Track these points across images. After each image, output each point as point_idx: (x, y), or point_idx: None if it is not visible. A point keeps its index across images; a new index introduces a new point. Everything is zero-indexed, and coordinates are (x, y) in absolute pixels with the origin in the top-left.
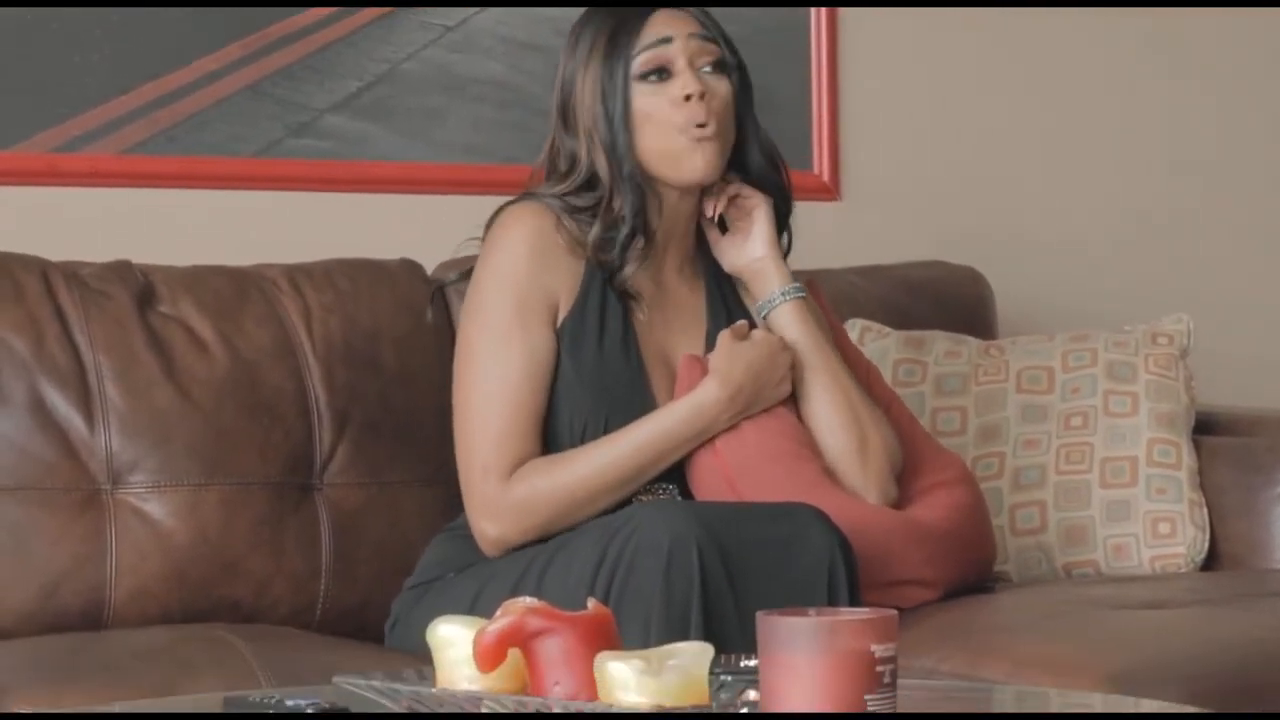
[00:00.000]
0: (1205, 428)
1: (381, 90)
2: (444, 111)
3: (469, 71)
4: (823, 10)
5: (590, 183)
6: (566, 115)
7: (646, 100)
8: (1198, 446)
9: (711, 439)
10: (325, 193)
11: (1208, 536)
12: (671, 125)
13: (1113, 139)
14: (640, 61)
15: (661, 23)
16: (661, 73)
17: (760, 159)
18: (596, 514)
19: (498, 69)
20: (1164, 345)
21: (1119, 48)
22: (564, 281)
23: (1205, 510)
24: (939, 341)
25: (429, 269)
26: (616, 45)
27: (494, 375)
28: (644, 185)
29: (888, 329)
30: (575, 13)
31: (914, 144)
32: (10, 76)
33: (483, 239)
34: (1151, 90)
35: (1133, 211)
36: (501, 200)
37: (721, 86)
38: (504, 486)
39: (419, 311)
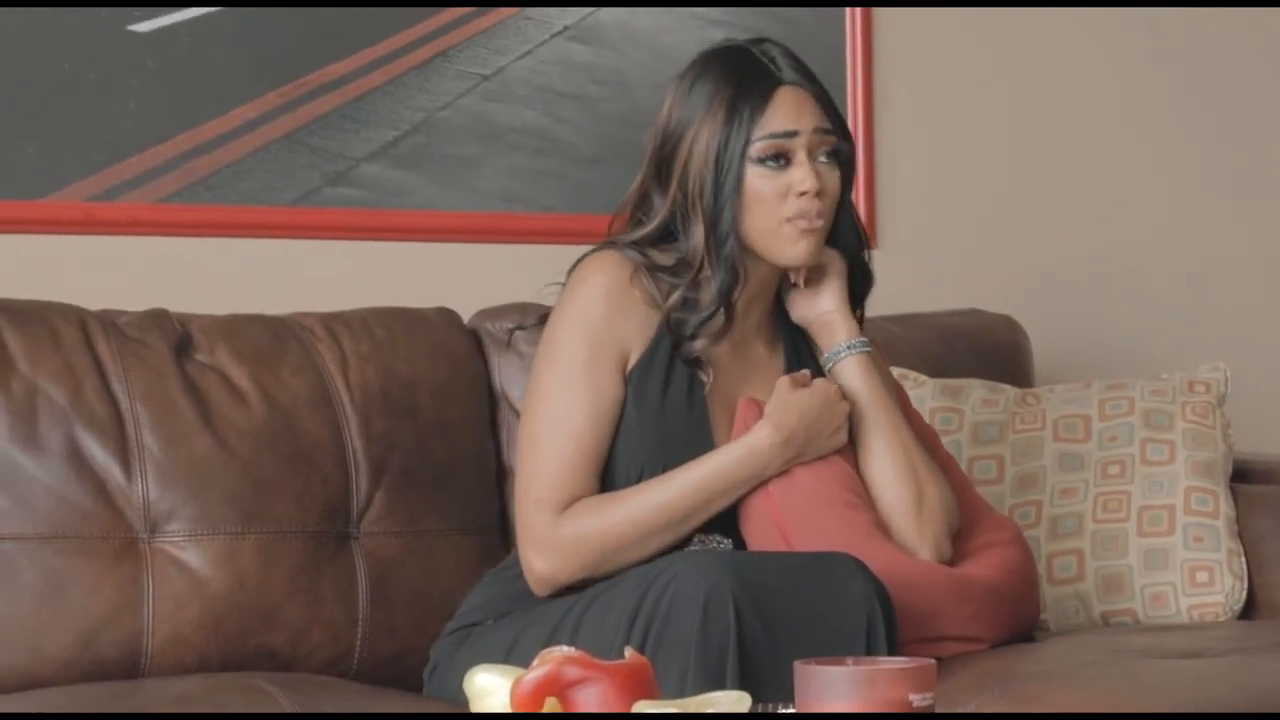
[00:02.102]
0: (1243, 476)
1: (418, 139)
2: (480, 160)
3: (505, 120)
4: (858, 60)
5: (667, 236)
6: (664, 167)
7: (760, 182)
8: (1235, 495)
9: (764, 483)
10: (362, 241)
11: (1246, 585)
12: (781, 212)
13: (1151, 188)
14: (761, 146)
15: (788, 105)
16: (780, 159)
17: (849, 236)
18: (647, 557)
19: (534, 117)
20: (1201, 393)
21: (1157, 97)
22: (637, 332)
23: (1243, 559)
24: (976, 390)
25: (465, 317)
26: (738, 115)
27: (559, 415)
28: (738, 265)
29: (924, 377)
30: (606, 66)
31: (950, 193)
32: (47, 126)
33: (564, 284)
34: (1190, 138)
35: (1170, 260)
36: (540, 248)
37: (834, 178)
38: (555, 522)
39: (456, 360)
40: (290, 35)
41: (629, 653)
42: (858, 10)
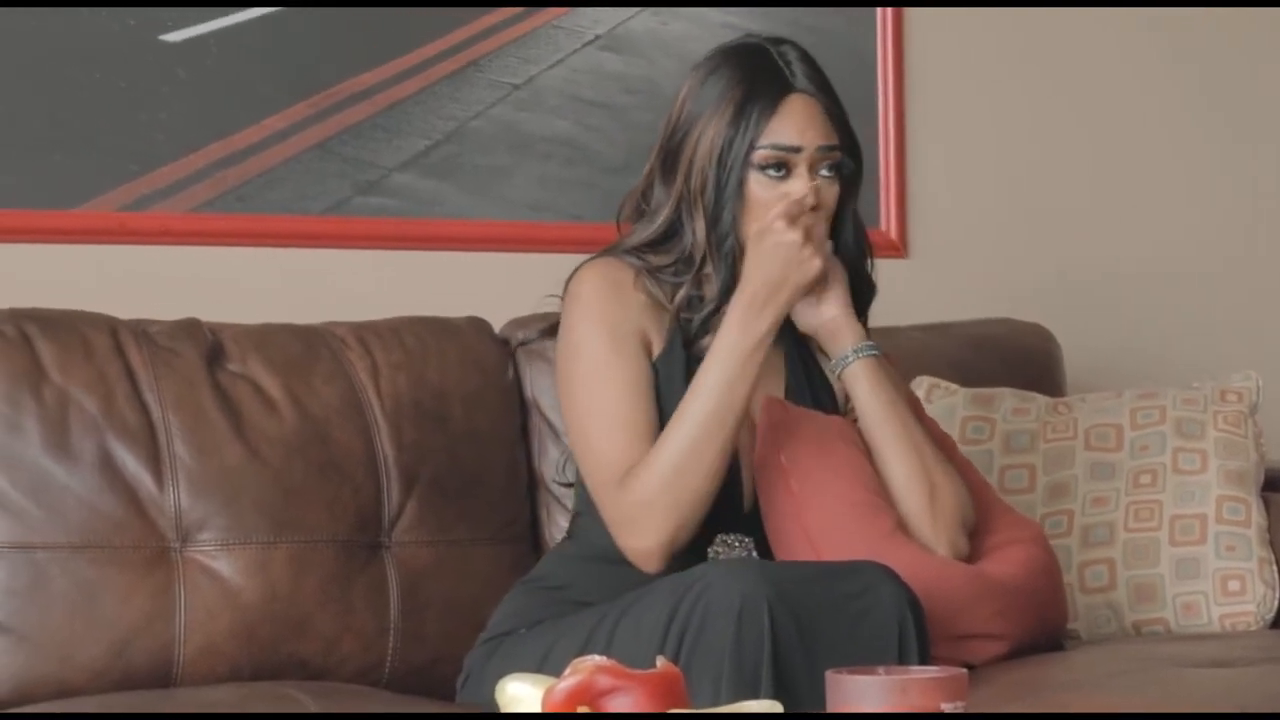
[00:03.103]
0: (1275, 485)
1: (449, 148)
2: (511, 169)
3: (536, 129)
4: (889, 70)
5: (669, 234)
6: (669, 158)
7: (759, 188)
8: (1267, 504)
9: (788, 481)
10: (393, 250)
11: (1277, 594)
12: None
13: (1182, 196)
14: (763, 155)
15: (797, 116)
16: (780, 168)
17: (850, 245)
18: (713, 471)
19: (565, 127)
20: (1233, 402)
21: (1185, 102)
22: (651, 326)
23: (1275, 568)
24: (1007, 399)
25: (497, 326)
26: (745, 116)
27: (598, 402)
28: (739, 262)
29: (955, 386)
30: (637, 76)
31: (981, 202)
32: (79, 136)
33: (562, 295)
34: (1222, 147)
35: (1201, 269)
36: (570, 258)
37: (833, 192)
38: (619, 495)
39: (487, 369)
40: (321, 45)
41: (661, 662)
42: (889, 23)
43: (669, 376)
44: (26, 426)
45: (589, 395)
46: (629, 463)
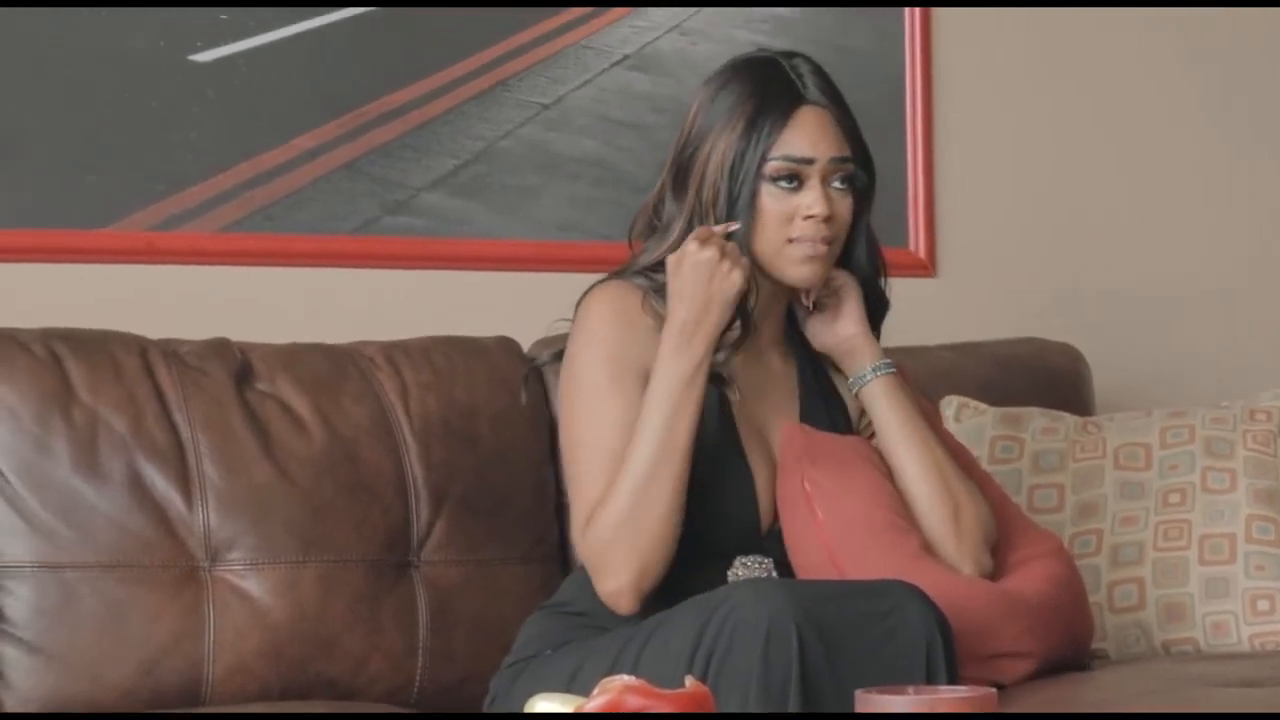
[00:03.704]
0: None
1: (478, 168)
2: (540, 189)
3: (565, 149)
4: (918, 90)
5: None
6: (681, 172)
7: (771, 201)
8: None
9: (813, 508)
10: (422, 270)
11: None
12: (787, 232)
13: (1211, 214)
14: (775, 166)
15: (809, 128)
16: (792, 180)
17: (864, 260)
18: (668, 514)
19: (593, 146)
20: (1262, 421)
21: (1216, 124)
22: (654, 354)
23: None
24: (1036, 418)
25: (525, 346)
26: (756, 128)
27: (587, 438)
28: (751, 277)
29: (984, 406)
30: (665, 95)
31: (1009, 221)
32: (108, 155)
33: (573, 318)
34: (1251, 165)
35: (1230, 287)
36: (598, 277)
37: (846, 204)
38: (585, 536)
39: (516, 388)
40: (350, 65)
41: (690, 681)
42: (917, 43)
43: None
44: (56, 447)
45: (581, 428)
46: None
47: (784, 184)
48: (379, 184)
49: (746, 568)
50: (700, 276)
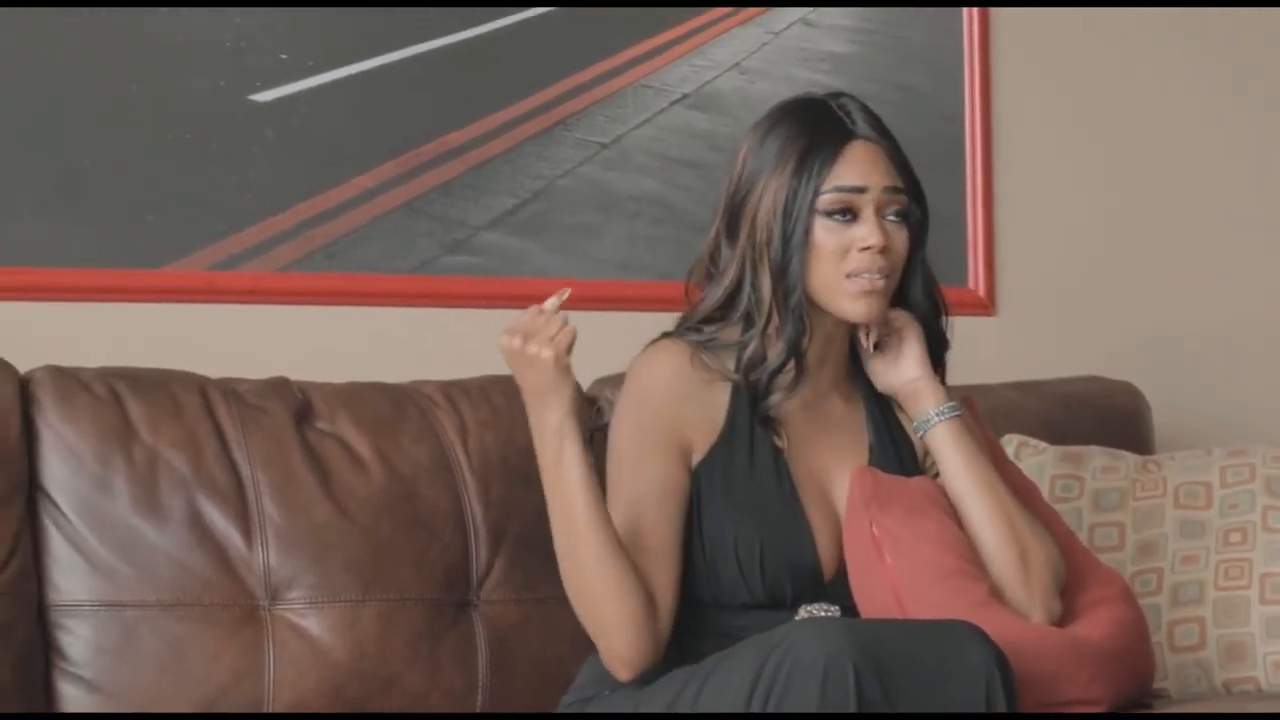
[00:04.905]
0: None
1: (537, 207)
2: (599, 228)
3: (624, 188)
4: (977, 128)
5: (737, 291)
6: (733, 218)
7: (826, 236)
8: None
9: (881, 553)
10: (481, 309)
11: None
12: (843, 267)
13: (1270, 257)
14: (829, 199)
15: (859, 160)
16: (846, 213)
17: (921, 297)
18: (602, 598)
19: (652, 185)
20: None
21: (1277, 162)
22: (704, 415)
23: None
24: (1096, 457)
25: (584, 385)
26: (807, 167)
27: (611, 503)
28: (805, 317)
29: (1044, 444)
30: (724, 134)
31: (1069, 259)
32: (168, 195)
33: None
34: None
35: None
36: (658, 316)
37: (901, 236)
38: None
39: None
40: (408, 104)
41: None
42: (976, 82)
43: (728, 462)
44: (116, 485)
45: (609, 492)
46: None
47: (838, 217)
48: (438, 223)
49: (812, 615)
50: (516, 368)
